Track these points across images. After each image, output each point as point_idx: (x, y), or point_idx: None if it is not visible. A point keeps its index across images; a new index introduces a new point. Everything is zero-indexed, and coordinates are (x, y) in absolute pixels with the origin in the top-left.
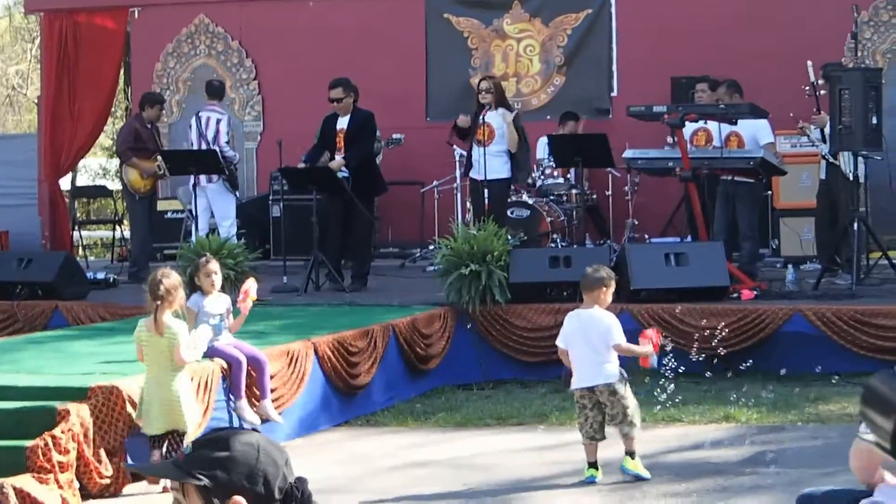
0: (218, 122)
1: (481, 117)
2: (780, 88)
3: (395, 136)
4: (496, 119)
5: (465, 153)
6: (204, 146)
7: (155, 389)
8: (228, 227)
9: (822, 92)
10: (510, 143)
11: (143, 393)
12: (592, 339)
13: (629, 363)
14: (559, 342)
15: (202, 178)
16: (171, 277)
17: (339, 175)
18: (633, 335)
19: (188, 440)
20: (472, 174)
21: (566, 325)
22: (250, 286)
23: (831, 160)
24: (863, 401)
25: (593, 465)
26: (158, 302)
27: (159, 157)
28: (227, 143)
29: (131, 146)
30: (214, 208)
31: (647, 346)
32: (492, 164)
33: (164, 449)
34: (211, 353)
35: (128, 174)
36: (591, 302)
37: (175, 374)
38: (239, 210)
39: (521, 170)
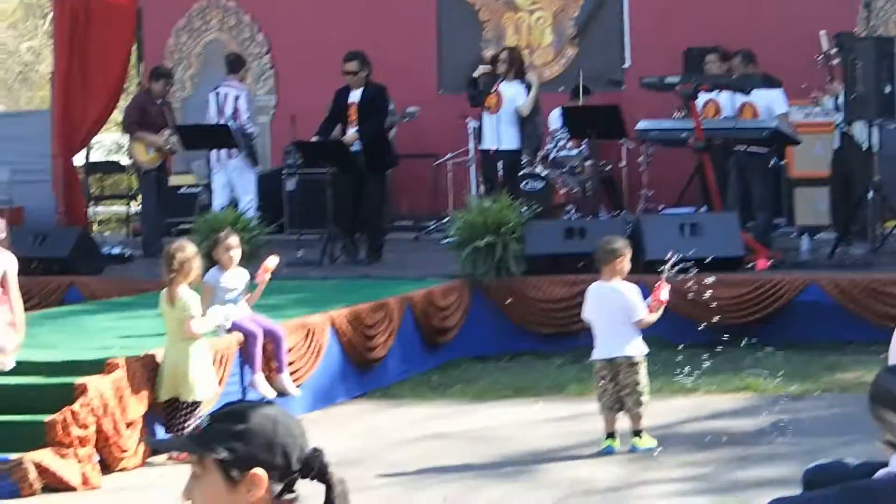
0: (236, 98)
1: (495, 87)
2: (792, 58)
3: (410, 109)
4: (509, 89)
5: (477, 125)
6: (222, 122)
7: (169, 358)
8: (249, 202)
9: (835, 61)
10: (524, 108)
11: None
12: (613, 312)
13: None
14: (585, 315)
15: (223, 153)
16: (185, 250)
17: (352, 149)
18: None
19: (204, 412)
20: (483, 145)
21: (588, 299)
22: (271, 262)
23: (845, 129)
24: (874, 399)
25: (611, 435)
26: (172, 274)
27: (166, 132)
28: (249, 118)
29: (137, 121)
30: (236, 184)
31: (660, 310)
32: (505, 132)
33: (176, 418)
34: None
35: (134, 149)
36: (609, 274)
37: (187, 344)
38: None
39: (529, 138)
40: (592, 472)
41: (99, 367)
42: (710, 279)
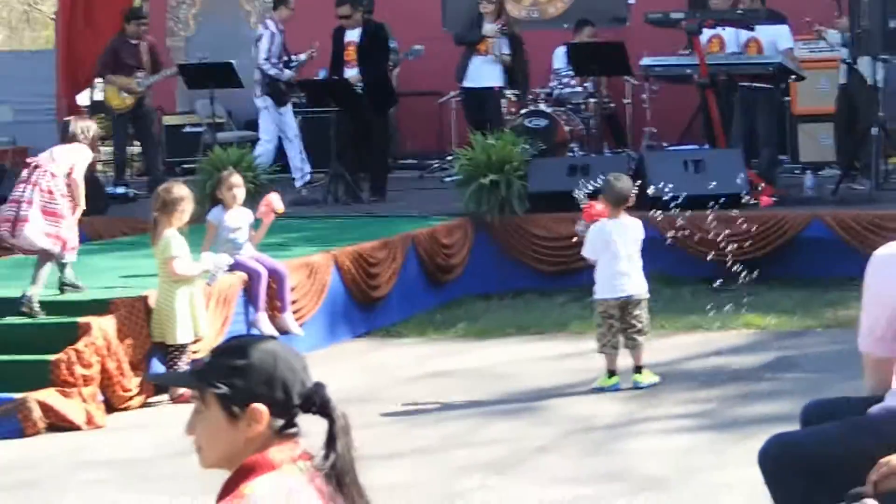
0: (260, 38)
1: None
2: None
3: (415, 47)
4: (493, 29)
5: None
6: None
7: (156, 300)
8: (263, 143)
9: None
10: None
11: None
12: (629, 247)
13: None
14: (588, 254)
15: (256, 96)
16: (171, 192)
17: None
18: (652, 243)
19: (196, 353)
20: (467, 83)
21: (595, 237)
22: (273, 199)
23: (851, 64)
24: None
25: (614, 372)
26: (156, 214)
27: (139, 74)
28: (267, 59)
29: (108, 64)
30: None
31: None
32: (488, 71)
33: (167, 359)
34: (231, 265)
35: (106, 93)
36: (617, 212)
37: (171, 286)
38: (256, 123)
39: (520, 85)
40: (594, 408)
41: (103, 307)
42: (712, 215)
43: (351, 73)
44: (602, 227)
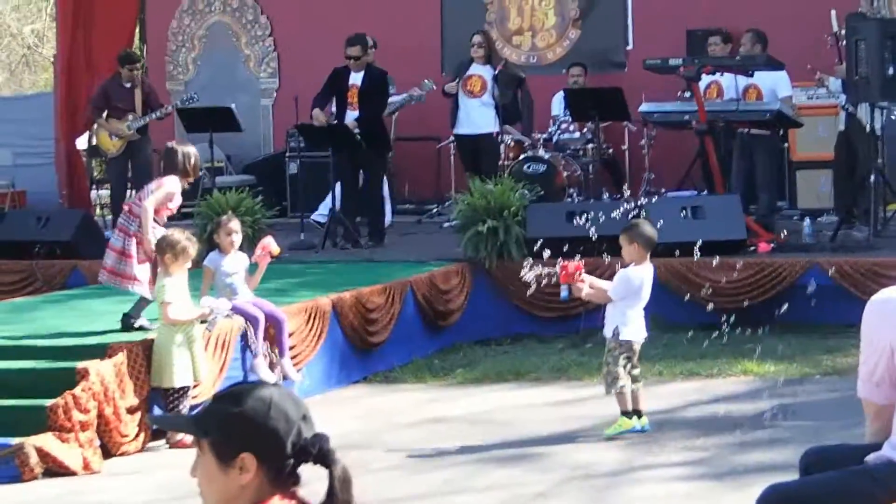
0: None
1: (468, 70)
2: (797, 39)
3: (425, 81)
4: (487, 70)
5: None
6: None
7: (155, 344)
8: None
9: (844, 42)
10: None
11: None
12: (648, 294)
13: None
14: (617, 296)
15: None
16: (170, 238)
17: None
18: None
19: (196, 399)
20: (460, 129)
21: (627, 283)
22: (269, 242)
23: (851, 111)
24: None
25: (638, 412)
26: (157, 258)
27: (129, 117)
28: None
29: (99, 108)
30: None
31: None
32: (482, 116)
33: (166, 405)
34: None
35: (98, 137)
36: (646, 257)
37: (169, 330)
38: (255, 167)
39: (523, 123)
40: (593, 456)
41: (101, 351)
42: (712, 262)
43: (350, 116)
44: (634, 273)
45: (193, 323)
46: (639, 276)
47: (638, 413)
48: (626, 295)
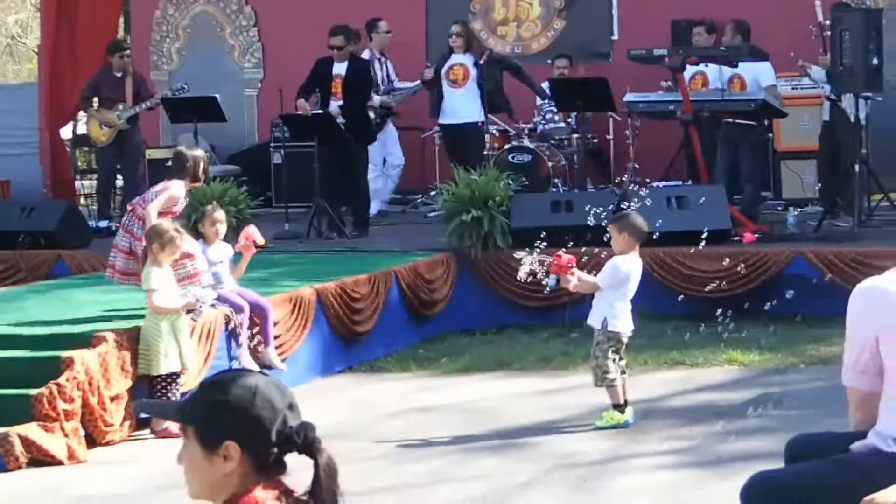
0: None
1: (449, 60)
2: (781, 29)
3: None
4: (468, 59)
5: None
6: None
7: (142, 332)
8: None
9: (829, 32)
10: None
11: None
12: (636, 285)
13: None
14: (605, 284)
15: None
16: (157, 227)
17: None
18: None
19: (183, 386)
20: (444, 119)
21: (615, 271)
22: (253, 232)
23: (836, 101)
24: None
25: (627, 403)
26: (145, 247)
27: (120, 107)
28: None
29: (90, 97)
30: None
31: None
32: (467, 105)
33: (153, 392)
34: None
35: (88, 125)
36: (636, 248)
37: (156, 318)
38: (240, 157)
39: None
40: (578, 445)
41: (85, 340)
42: (695, 251)
43: (333, 105)
44: (623, 263)
45: (180, 312)
46: (626, 265)
47: (625, 403)
48: (614, 283)
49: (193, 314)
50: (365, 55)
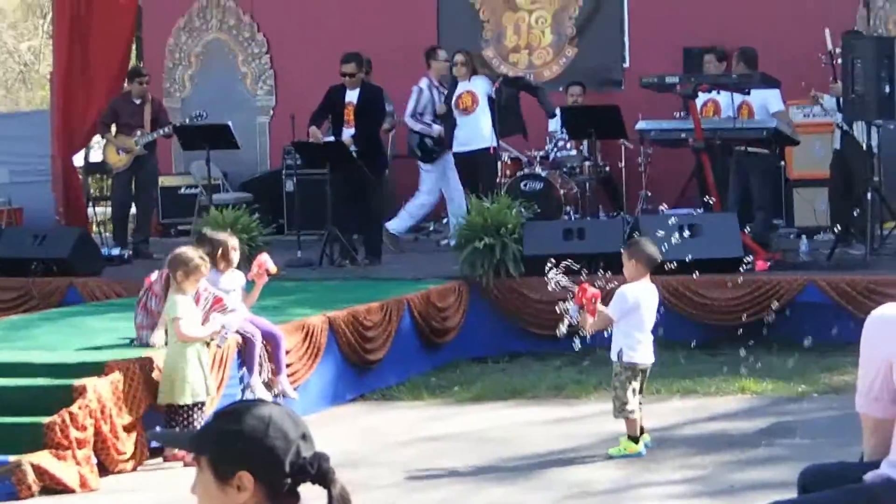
0: (411, 93)
1: (457, 89)
2: (793, 58)
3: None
4: (477, 84)
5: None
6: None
7: (166, 361)
8: (417, 197)
9: (839, 60)
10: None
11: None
12: (654, 313)
13: None
14: (616, 315)
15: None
16: (182, 255)
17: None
18: None
19: (204, 415)
20: (457, 147)
21: (633, 300)
22: (265, 260)
23: (846, 129)
24: None
25: (644, 431)
26: (170, 275)
27: (138, 133)
28: (412, 115)
29: (107, 123)
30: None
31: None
32: (476, 131)
33: (175, 422)
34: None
35: (106, 151)
36: (647, 275)
37: (181, 347)
38: (252, 185)
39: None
40: (590, 474)
41: (98, 368)
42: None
43: (346, 133)
44: (630, 290)
45: (207, 340)
46: (633, 293)
47: (641, 431)
48: (624, 313)
49: (218, 340)
50: (423, 83)
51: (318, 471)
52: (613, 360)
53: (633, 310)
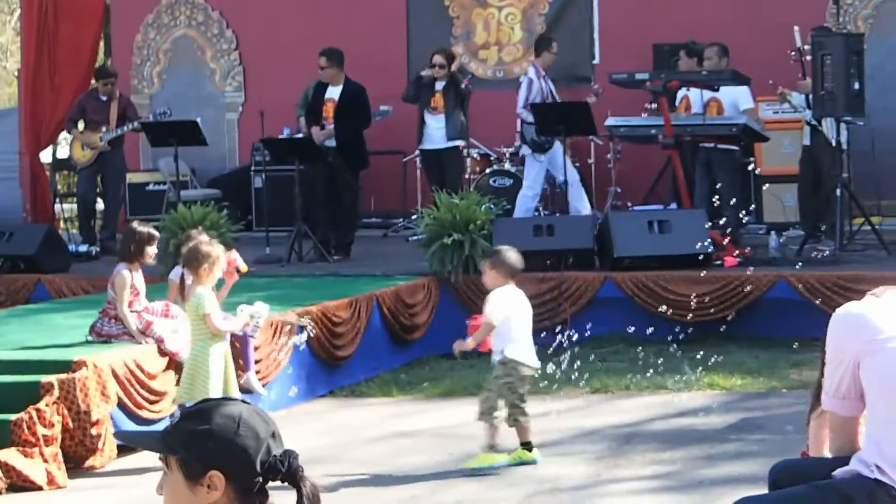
0: (519, 85)
1: (434, 87)
2: (762, 54)
3: (382, 107)
4: (451, 84)
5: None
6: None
7: (189, 358)
8: (525, 189)
9: (808, 57)
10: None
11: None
12: (528, 319)
13: None
14: (499, 317)
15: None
16: (203, 249)
17: (327, 145)
18: (617, 303)
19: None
20: (425, 145)
21: (508, 302)
22: (236, 257)
23: (815, 125)
24: None
25: (530, 445)
26: (185, 270)
27: (104, 129)
28: (524, 107)
29: (74, 119)
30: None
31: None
32: (442, 130)
33: None
34: None
35: (71, 146)
36: (501, 283)
37: (206, 343)
38: (220, 181)
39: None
40: (559, 470)
41: (65, 366)
42: (677, 275)
43: (328, 128)
44: (498, 294)
45: (238, 333)
46: (501, 297)
47: (529, 445)
48: (503, 316)
49: (251, 330)
50: (531, 73)
51: (289, 469)
52: (495, 364)
53: (510, 313)
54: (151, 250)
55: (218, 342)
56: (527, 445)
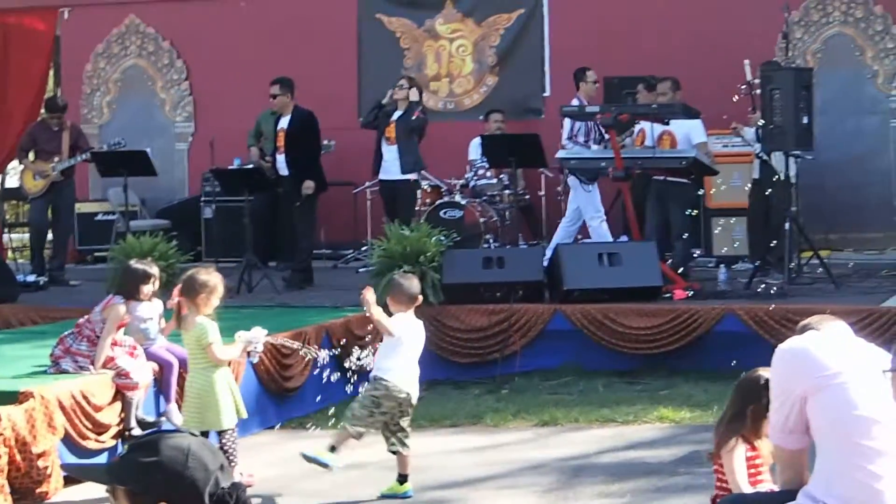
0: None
1: (390, 116)
2: (713, 88)
3: (325, 142)
4: (404, 118)
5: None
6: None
7: (192, 387)
8: (590, 219)
9: (758, 91)
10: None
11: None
12: (419, 349)
13: None
14: (395, 331)
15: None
16: (200, 278)
17: (282, 174)
18: (567, 335)
19: (108, 443)
20: (383, 175)
21: (404, 326)
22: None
23: (765, 159)
24: None
25: (336, 448)
26: (182, 299)
27: (55, 159)
28: (569, 138)
29: (26, 149)
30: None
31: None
32: (396, 162)
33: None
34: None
35: (23, 176)
36: (409, 309)
37: (209, 371)
38: (170, 211)
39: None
40: (510, 502)
41: (12, 397)
42: (627, 307)
43: (280, 159)
44: (404, 318)
45: (240, 361)
46: (398, 319)
47: (404, 478)
48: (399, 331)
49: (251, 356)
50: (574, 103)
51: (237, 501)
52: (371, 380)
53: (402, 336)
54: (147, 289)
55: (221, 368)
56: (402, 478)
